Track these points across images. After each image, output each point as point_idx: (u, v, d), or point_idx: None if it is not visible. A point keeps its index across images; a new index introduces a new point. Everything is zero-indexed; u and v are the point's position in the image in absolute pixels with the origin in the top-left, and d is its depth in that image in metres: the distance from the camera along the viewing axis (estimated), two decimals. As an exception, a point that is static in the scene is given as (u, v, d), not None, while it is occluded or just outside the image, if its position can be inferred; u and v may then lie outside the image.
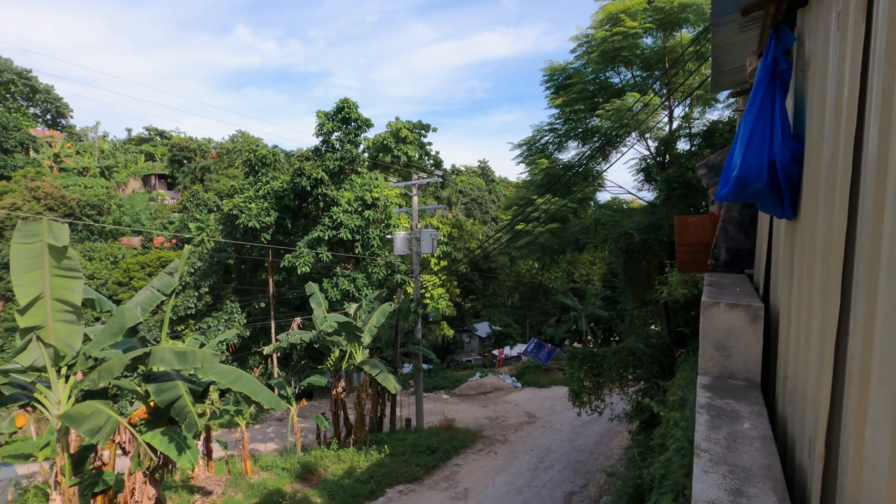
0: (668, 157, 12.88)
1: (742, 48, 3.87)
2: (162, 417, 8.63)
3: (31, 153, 44.69)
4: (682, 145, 12.94)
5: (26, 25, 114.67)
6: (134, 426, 8.66)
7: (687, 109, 12.89)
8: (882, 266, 1.33)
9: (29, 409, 8.36)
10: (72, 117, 55.65)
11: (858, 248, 1.57)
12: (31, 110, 52.06)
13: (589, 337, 36.72)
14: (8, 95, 49.54)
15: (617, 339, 33.43)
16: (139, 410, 11.00)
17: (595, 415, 12.44)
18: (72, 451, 8.36)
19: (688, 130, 12.48)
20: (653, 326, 16.56)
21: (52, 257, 6.86)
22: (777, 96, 2.58)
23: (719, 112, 12.61)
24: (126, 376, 9.36)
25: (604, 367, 11.58)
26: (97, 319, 24.06)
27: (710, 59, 5.95)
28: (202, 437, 13.77)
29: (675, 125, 12.77)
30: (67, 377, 7.73)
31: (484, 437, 17.69)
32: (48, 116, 54.04)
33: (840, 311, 1.71)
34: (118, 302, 30.80)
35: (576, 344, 37.03)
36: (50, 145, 47.84)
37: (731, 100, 10.49)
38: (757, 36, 3.53)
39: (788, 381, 2.58)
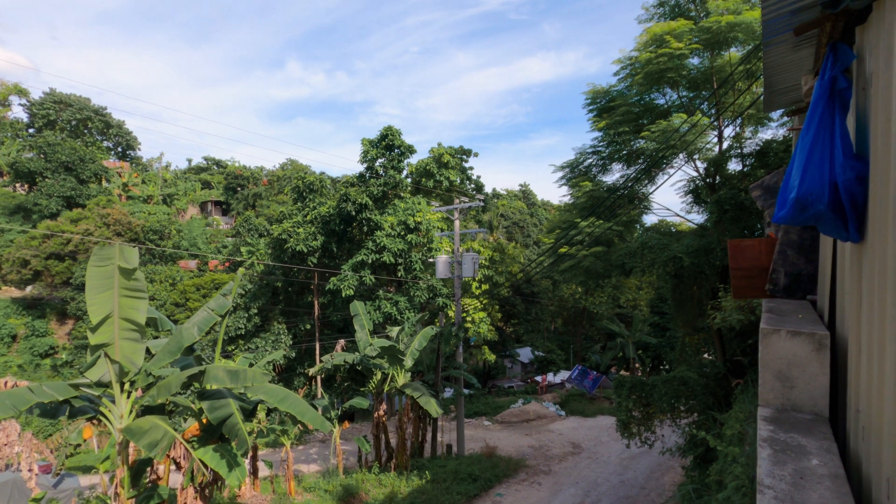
0: (718, 178, 12.45)
1: (796, 67, 3.76)
2: (213, 434, 8.94)
3: (103, 183, 48.50)
4: (734, 166, 12.49)
5: (104, 68, 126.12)
6: (188, 442, 9.00)
7: (738, 129, 12.48)
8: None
9: (94, 422, 8.86)
10: (140, 149, 60.21)
11: (934, 274, 1.49)
12: (105, 143, 56.76)
13: (637, 365, 35.25)
14: (85, 131, 54.29)
15: (667, 367, 31.94)
16: (192, 427, 11.43)
17: (645, 447, 11.85)
18: (130, 464, 8.77)
19: (739, 150, 12.06)
20: (706, 355, 15.75)
21: (122, 278, 7.38)
22: (836, 115, 2.49)
23: (773, 131, 12.15)
24: (181, 393, 9.79)
25: (654, 397, 11.08)
26: (156, 338, 25.44)
27: (761, 77, 5.79)
28: (249, 456, 14.11)
29: (725, 145, 12.38)
30: (129, 393, 8.18)
31: (527, 467, 17.17)
32: (119, 149, 58.70)
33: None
34: (176, 321, 32.46)
35: (623, 372, 35.61)
36: (119, 175, 51.79)
37: (786, 118, 10.10)
38: (812, 54, 3.42)
39: (861, 416, 2.40)
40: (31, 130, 51.86)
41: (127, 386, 8.10)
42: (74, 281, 35.55)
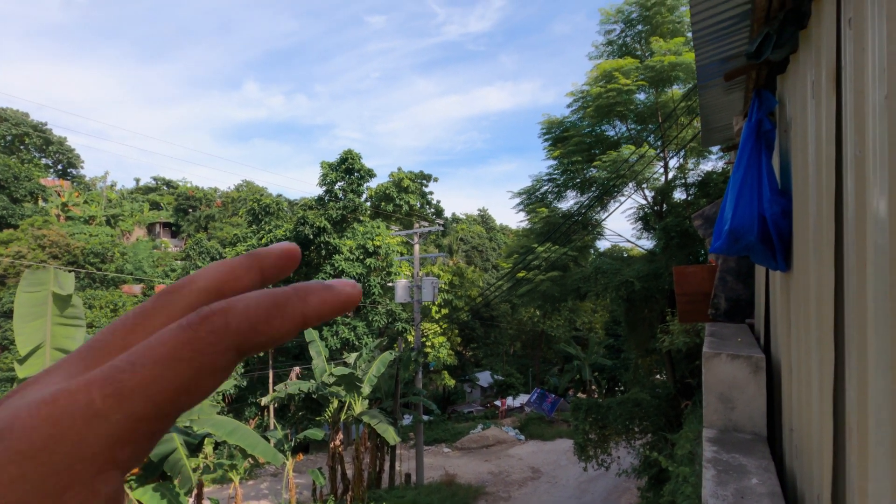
0: (665, 206, 13.14)
1: (729, 108, 4.09)
2: (154, 472, 8.36)
3: (40, 202, 45.57)
4: (679, 195, 13.24)
5: (47, 83, 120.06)
6: (125, 482, 8.36)
7: (681, 160, 13.29)
8: (869, 319, 1.39)
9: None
10: (82, 167, 57.15)
11: (847, 301, 1.63)
12: (44, 161, 53.55)
13: (593, 386, 35.90)
14: (22, 147, 51.13)
15: (622, 388, 32.70)
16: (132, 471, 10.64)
17: (602, 470, 12.01)
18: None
19: (683, 180, 12.81)
20: (658, 376, 16.27)
21: (56, 305, 6.90)
22: (763, 154, 2.72)
23: (713, 163, 13.01)
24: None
25: (609, 419, 11.30)
26: (93, 368, 23.77)
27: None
28: (194, 494, 13.22)
29: (670, 175, 13.12)
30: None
31: (487, 494, 16.96)
32: (59, 167, 55.52)
33: (836, 363, 1.74)
34: (115, 350, 30.36)
35: (580, 394, 36.14)
36: (59, 194, 48.83)
37: (723, 153, 10.85)
38: (741, 98, 3.74)
39: (794, 435, 2.56)
40: (-41, 145, 48.40)
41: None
42: (2, 307, 32.82)
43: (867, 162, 1.40)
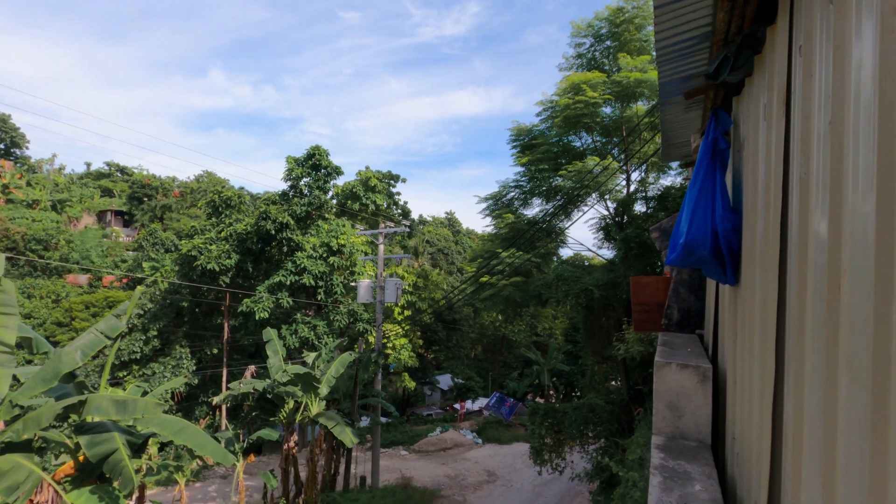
0: (626, 217, 13.53)
1: (688, 125, 4.24)
2: (92, 474, 7.89)
3: (-22, 182, 42.58)
4: (639, 207, 13.66)
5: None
6: (59, 483, 7.86)
7: (643, 174, 13.72)
8: (808, 335, 1.45)
9: (-63, 463, 7.49)
10: (27, 148, 53.74)
11: (788, 316, 1.70)
12: (-16, 139, 50.08)
13: (551, 392, 36.53)
14: (-40, 122, 47.63)
15: (578, 394, 33.40)
16: (65, 466, 10.02)
17: (556, 473, 12.20)
18: (-19, 512, 7.47)
19: (644, 193, 13.23)
20: (613, 382, 16.69)
21: (-12, 294, 6.43)
22: (717, 172, 2.82)
23: (672, 178, 13.49)
24: (56, 426, 8.59)
25: (565, 424, 11.49)
26: (28, 362, 22.28)
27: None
28: (135, 497, 12.59)
29: (632, 188, 13.53)
30: (-13, 427, 7.04)
31: (442, 498, 16.94)
32: (1, 146, 52.00)
33: (776, 375, 1.82)
34: (56, 344, 28.68)
35: (538, 399, 36.70)
36: None
37: (682, 169, 11.26)
38: (700, 116, 3.88)
39: (736, 443, 2.66)
40: None
41: (-16, 419, 6.97)
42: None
43: (811, 184, 1.47)
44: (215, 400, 16.58)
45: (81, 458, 8.03)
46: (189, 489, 19.04)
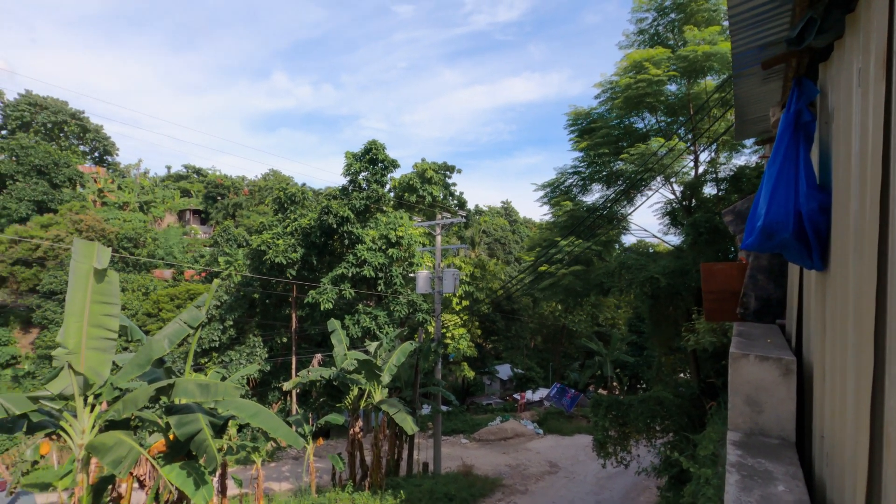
0: (694, 201, 12.77)
1: (765, 99, 3.90)
2: (180, 451, 8.63)
3: (78, 188, 47.28)
4: (709, 190, 12.83)
5: (83, 71, 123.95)
6: (154, 458, 8.67)
7: (713, 154, 12.86)
8: (915, 325, 1.29)
9: (54, 437, 8.48)
10: (117, 155, 59.04)
11: (889, 304, 1.53)
12: (81, 148, 55.50)
13: (614, 383, 35.46)
14: (61, 134, 53.05)
15: (644, 386, 32.21)
16: (158, 443, 11.02)
17: (621, 467, 11.87)
18: (91, 482, 8.39)
19: (714, 175, 12.40)
20: (682, 375, 15.93)
21: (95, 281, 7.16)
22: (801, 147, 2.58)
23: (746, 157, 12.54)
24: (149, 407, 9.46)
25: (630, 417, 11.13)
26: (125, 349, 24.60)
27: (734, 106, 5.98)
28: (218, 473, 13.64)
29: (700, 170, 12.73)
30: (93, 406, 7.86)
31: (504, 487, 16.99)
32: (95, 154, 57.44)
33: (874, 369, 1.64)
34: (147, 332, 31.52)
35: (600, 390, 35.78)
36: (95, 181, 50.57)
37: (758, 146, 10.45)
38: (779, 88, 3.56)
39: (825, 442, 2.45)
40: (3, 132, 50.46)
41: (91, 399, 7.79)
42: (41, 288, 34.33)
43: (919, 154, 1.30)
44: (286, 386, 17.55)
45: (171, 436, 8.78)
46: (265, 468, 20.34)
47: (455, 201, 34.46)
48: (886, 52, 1.63)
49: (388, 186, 29.23)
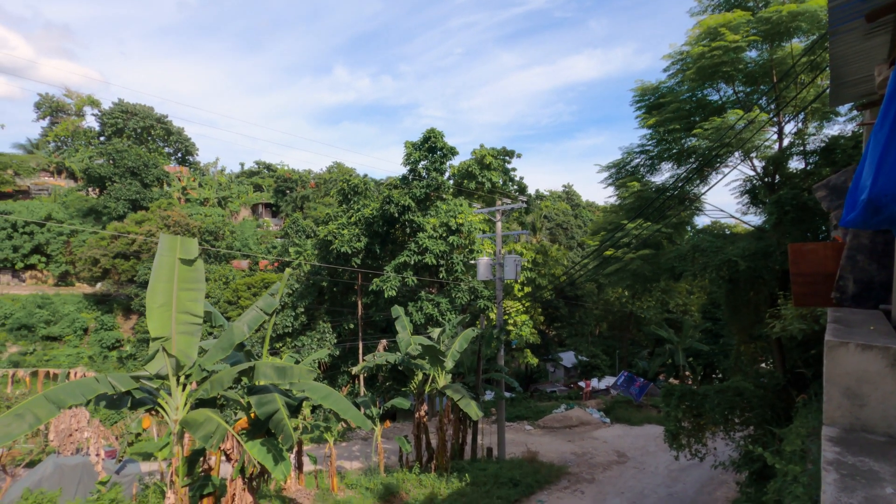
0: (777, 177, 11.74)
1: (868, 57, 3.46)
2: (261, 429, 9.26)
3: (165, 186, 51.55)
4: (795, 164, 11.74)
5: (164, 78, 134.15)
6: (238, 435, 9.37)
7: (800, 125, 11.72)
8: None
9: (153, 412, 9.39)
10: (197, 154, 63.62)
11: None
12: (166, 149, 60.37)
13: (687, 373, 33.76)
14: (149, 137, 57.94)
15: (720, 376, 30.41)
16: (241, 421, 11.89)
17: (695, 460, 11.32)
18: (185, 454, 9.23)
19: (802, 148, 11.32)
20: (763, 365, 14.85)
21: (182, 270, 7.79)
22: (916, 108, 2.26)
23: (840, 126, 11.32)
24: (232, 388, 10.22)
25: (705, 408, 10.55)
26: (210, 333, 26.69)
27: (827, 69, 5.37)
28: (294, 451, 14.54)
29: (785, 142, 11.65)
30: (185, 386, 8.61)
31: (569, 474, 16.79)
32: (178, 154, 62.24)
33: None
34: (228, 319, 34.00)
35: (671, 380, 34.20)
36: (179, 179, 54.87)
37: (855, 112, 9.37)
38: (886, 42, 3.14)
39: (944, 441, 2.17)
40: (101, 138, 55.93)
41: (182, 379, 8.54)
42: (138, 278, 37.93)
43: None
44: (354, 370, 18.29)
45: (252, 415, 9.44)
46: (336, 447, 21.42)
47: (515, 186, 33.98)
48: None
49: (447, 174, 29.34)
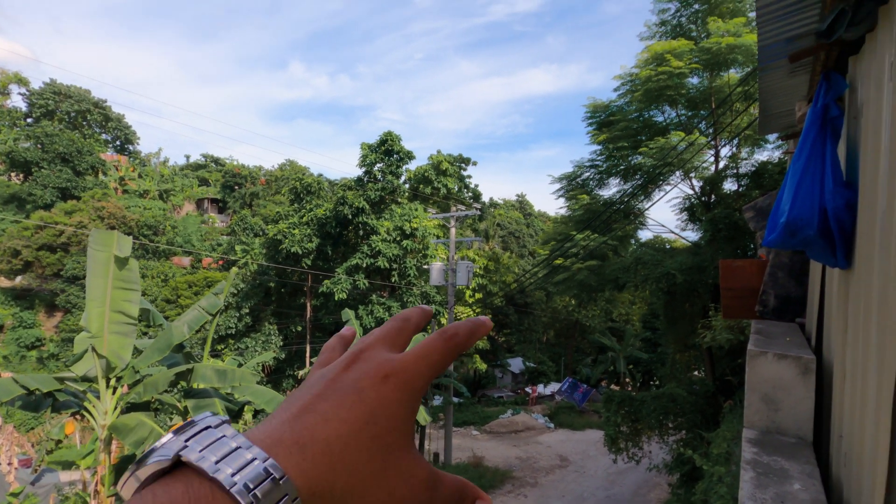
0: (713, 196, 12.57)
1: (791, 93, 3.82)
2: (198, 434, 8.84)
3: (100, 176, 48.27)
4: (729, 185, 12.63)
5: (105, 61, 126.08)
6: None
7: (734, 149, 12.62)
8: (942, 325, 1.27)
9: (78, 417, 8.76)
10: (138, 144, 60.01)
11: (916, 305, 1.50)
12: (103, 136, 56.56)
13: (627, 379, 35.27)
14: (84, 123, 54.10)
15: (657, 383, 31.98)
16: (176, 425, 11.29)
17: (632, 463, 11.84)
18: (113, 461, 8.66)
19: (735, 170, 12.19)
20: (696, 372, 15.78)
21: (116, 267, 7.34)
22: (828, 143, 2.52)
23: (769, 152, 12.30)
24: (168, 391, 9.70)
25: (642, 413, 11.08)
26: (145, 333, 25.19)
27: (758, 100, 5.84)
28: (233, 457, 13.91)
29: (721, 165, 12.51)
30: (115, 389, 8.09)
31: (513, 479, 17.09)
32: (117, 142, 58.50)
33: (898, 369, 1.62)
34: (166, 318, 32.17)
35: (613, 386, 35.60)
36: (116, 169, 51.56)
37: (781, 141, 10.22)
38: (806, 81, 3.48)
39: (843, 442, 2.42)
40: (28, 120, 51.60)
41: (113, 382, 8.02)
42: (65, 273, 35.26)
43: (952, 151, 1.27)
44: (300, 374, 17.81)
45: (189, 419, 9.00)
46: (279, 454, 20.70)
47: (470, 194, 34.37)
48: (921, 45, 1.59)
49: (403, 178, 29.27)
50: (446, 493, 0.39)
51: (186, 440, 0.33)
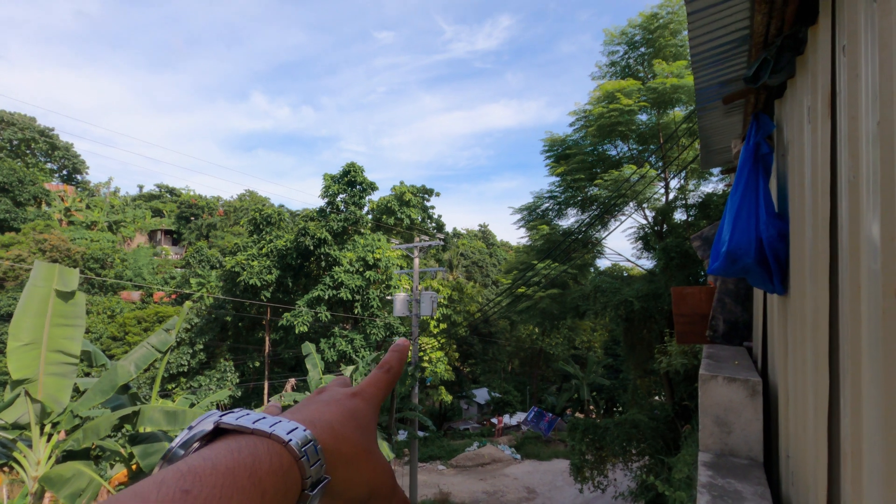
0: (665, 226, 13.17)
1: (728, 131, 4.12)
2: (143, 478, 8.22)
3: (43, 206, 45.76)
4: (679, 215, 13.27)
5: (54, 88, 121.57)
6: (116, 490, 8.23)
7: (682, 181, 13.35)
8: (863, 346, 1.37)
9: (5, 469, 8.00)
10: (87, 173, 57.51)
11: (842, 328, 1.62)
12: (49, 165, 53.94)
13: (591, 406, 35.53)
14: (28, 151, 51.54)
15: (620, 409, 32.37)
16: (119, 474, 10.50)
17: (598, 491, 11.81)
18: (44, 517, 7.89)
19: (684, 201, 12.85)
20: (657, 397, 16.10)
21: (58, 303, 6.89)
22: (760, 178, 2.73)
23: (714, 184, 13.06)
24: (111, 436, 9.03)
25: (606, 440, 11.15)
26: (87, 374, 23.55)
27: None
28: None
29: (671, 196, 13.17)
30: (50, 436, 7.47)
31: (481, 514, 16.66)
32: (64, 172, 55.87)
33: (830, 389, 1.73)
34: (112, 357, 30.23)
35: (577, 414, 35.75)
36: (62, 199, 49.07)
37: (723, 175, 10.90)
38: (740, 121, 3.77)
39: (790, 461, 2.52)
40: (-34, 148, 48.75)
41: (48, 428, 7.40)
42: (0, 310, 32.76)
43: (861, 186, 1.41)
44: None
45: (134, 466, 8.39)
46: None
47: (433, 224, 34.63)
48: (830, 92, 1.77)
49: (366, 209, 29.23)
50: (401, 496, 0.50)
51: (221, 416, 0.39)
